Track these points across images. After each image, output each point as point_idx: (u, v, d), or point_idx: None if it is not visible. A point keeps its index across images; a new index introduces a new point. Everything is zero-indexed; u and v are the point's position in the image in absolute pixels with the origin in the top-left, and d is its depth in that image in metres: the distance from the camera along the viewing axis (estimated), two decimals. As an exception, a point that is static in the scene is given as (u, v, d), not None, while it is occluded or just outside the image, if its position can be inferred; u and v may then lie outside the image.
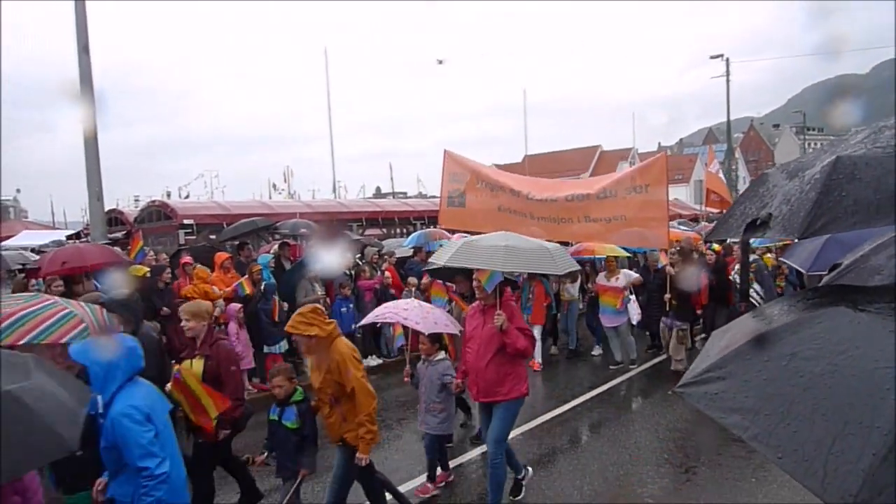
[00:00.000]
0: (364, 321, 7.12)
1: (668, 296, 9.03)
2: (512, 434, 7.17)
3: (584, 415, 8.12)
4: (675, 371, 9.24)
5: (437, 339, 6.07)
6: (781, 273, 11.67)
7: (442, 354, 6.00)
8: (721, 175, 14.43)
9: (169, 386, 4.69)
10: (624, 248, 10.89)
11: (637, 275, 10.79)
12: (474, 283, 5.36)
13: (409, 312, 5.86)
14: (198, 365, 5.03)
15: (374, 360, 10.90)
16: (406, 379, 6.08)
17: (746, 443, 5.10)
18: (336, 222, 17.59)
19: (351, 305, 10.31)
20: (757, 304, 8.27)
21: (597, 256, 11.33)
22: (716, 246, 10.44)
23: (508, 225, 9.71)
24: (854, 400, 1.33)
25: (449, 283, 9.79)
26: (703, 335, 10.88)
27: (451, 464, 6.41)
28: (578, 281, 11.30)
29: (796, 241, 8.95)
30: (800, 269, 8.21)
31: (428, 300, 9.22)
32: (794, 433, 1.36)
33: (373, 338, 11.14)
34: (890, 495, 1.18)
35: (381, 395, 9.13)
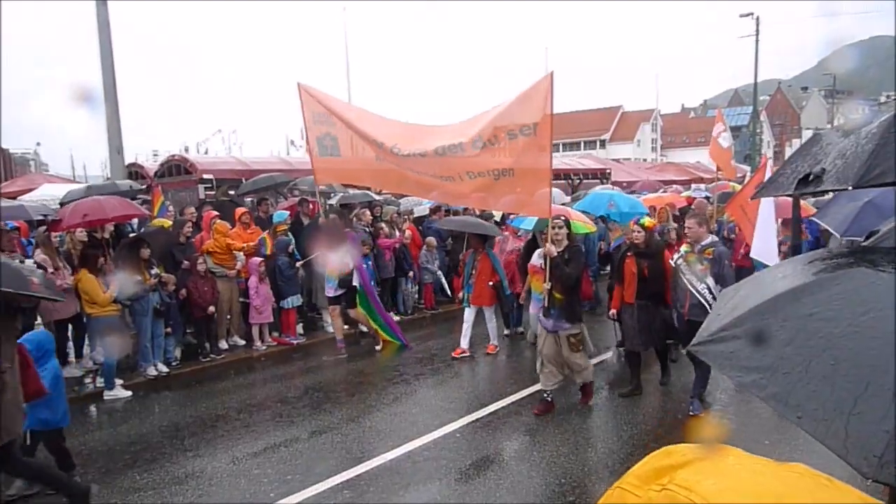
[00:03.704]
0: None
1: (547, 285, 6.44)
2: (526, 392, 7.28)
3: (600, 375, 8.16)
4: (583, 383, 6.87)
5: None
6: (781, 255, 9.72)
7: None
8: (722, 141, 12.60)
9: None
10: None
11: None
12: None
13: None
14: None
15: (392, 317, 10.98)
16: None
17: (760, 404, 5.05)
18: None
19: (370, 263, 10.35)
20: (707, 306, 6.15)
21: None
22: (646, 220, 7.30)
23: (390, 181, 8.04)
24: (876, 361, 1.29)
25: None
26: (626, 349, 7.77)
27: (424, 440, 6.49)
28: None
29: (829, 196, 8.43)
30: (834, 232, 7.82)
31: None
32: (812, 393, 1.33)
33: (391, 294, 11.22)
34: None
35: (399, 351, 9.28)
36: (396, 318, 11.04)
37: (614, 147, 75.26)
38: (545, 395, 6.74)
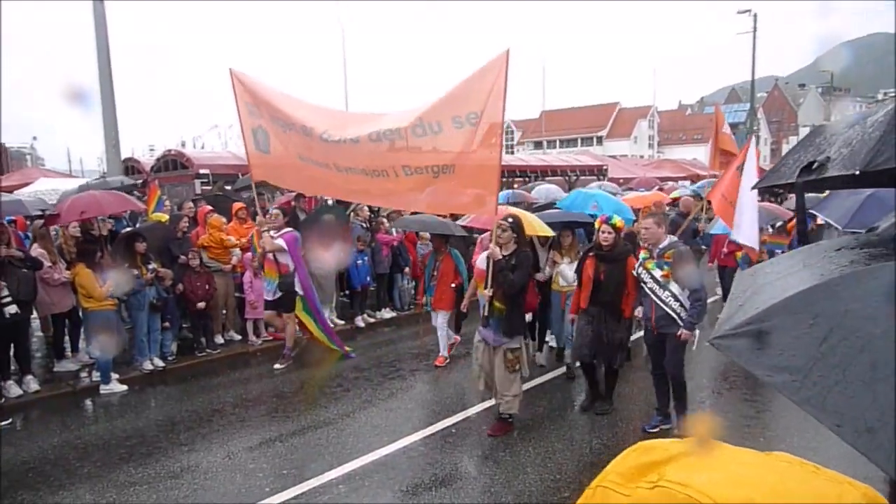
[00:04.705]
0: None
1: (487, 293, 5.79)
2: (530, 385, 7.30)
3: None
4: (505, 414, 6.09)
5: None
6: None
7: None
8: (733, 137, 12.63)
9: None
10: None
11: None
12: None
13: None
14: None
15: (387, 313, 11.01)
16: None
17: (758, 406, 5.02)
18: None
19: (366, 258, 10.36)
20: (676, 317, 5.72)
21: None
22: (617, 220, 6.46)
23: (316, 184, 7.15)
24: None
25: (282, 262, 8.16)
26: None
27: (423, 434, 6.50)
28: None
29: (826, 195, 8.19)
30: (835, 224, 7.69)
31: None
32: (852, 399, 1.22)
33: (387, 290, 11.23)
34: None
35: (395, 347, 9.29)
36: (392, 313, 11.07)
37: (611, 143, 75.33)
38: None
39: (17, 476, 5.52)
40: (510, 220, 6.01)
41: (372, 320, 10.74)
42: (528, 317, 7.50)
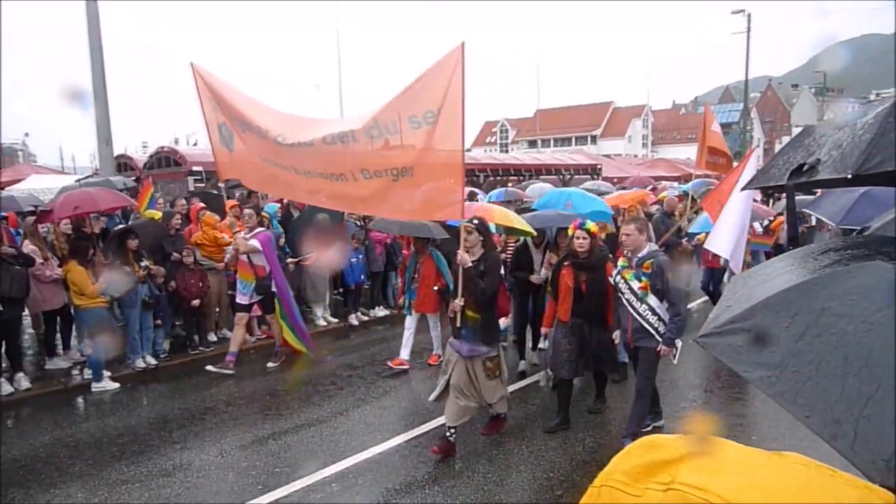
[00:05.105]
0: None
1: (459, 302, 5.42)
2: (516, 387, 7.30)
3: (588, 376, 8.18)
4: (496, 414, 5.95)
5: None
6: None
7: None
8: (722, 136, 12.10)
9: None
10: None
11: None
12: None
13: None
14: None
15: (381, 311, 11.01)
16: None
17: (749, 405, 5.03)
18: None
19: (360, 257, 10.35)
20: (653, 332, 5.42)
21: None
22: (591, 224, 6.11)
23: (277, 182, 6.67)
24: (888, 361, 1.23)
25: (257, 264, 7.90)
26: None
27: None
28: None
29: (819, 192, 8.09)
30: (829, 221, 7.62)
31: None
32: (822, 392, 1.28)
33: (381, 289, 11.22)
34: None
35: (388, 346, 9.28)
36: (386, 311, 11.07)
37: (605, 142, 75.56)
38: (449, 432, 5.58)
39: (9, 474, 5.50)
40: (475, 221, 5.67)
41: (366, 318, 10.74)
42: (503, 322, 6.97)
